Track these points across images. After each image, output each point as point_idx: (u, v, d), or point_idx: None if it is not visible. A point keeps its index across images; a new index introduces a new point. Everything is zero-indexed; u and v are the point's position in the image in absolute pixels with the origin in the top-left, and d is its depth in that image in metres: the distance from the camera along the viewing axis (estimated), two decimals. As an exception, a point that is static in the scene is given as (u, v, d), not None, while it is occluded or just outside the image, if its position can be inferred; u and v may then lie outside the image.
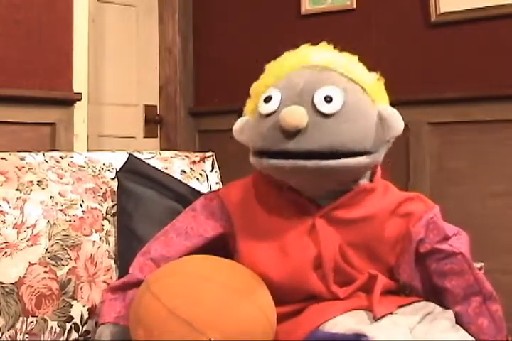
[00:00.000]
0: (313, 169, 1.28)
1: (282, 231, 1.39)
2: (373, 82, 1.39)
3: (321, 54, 1.40)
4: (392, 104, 1.40)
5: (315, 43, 1.44)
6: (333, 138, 1.28)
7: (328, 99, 1.30)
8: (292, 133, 1.27)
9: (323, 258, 1.36)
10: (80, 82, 2.73)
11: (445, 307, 1.38)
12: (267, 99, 1.35)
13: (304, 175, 1.31)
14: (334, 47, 1.44)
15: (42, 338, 1.52)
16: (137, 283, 1.39)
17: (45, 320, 1.52)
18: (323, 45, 1.44)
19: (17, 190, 1.57)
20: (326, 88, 1.31)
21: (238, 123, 1.46)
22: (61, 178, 1.66)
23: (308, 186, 1.37)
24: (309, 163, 1.28)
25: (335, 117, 1.29)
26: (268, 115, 1.33)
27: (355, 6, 3.03)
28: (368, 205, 1.39)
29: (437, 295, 1.40)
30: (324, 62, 1.37)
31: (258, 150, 1.36)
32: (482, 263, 1.53)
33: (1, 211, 1.52)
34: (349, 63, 1.39)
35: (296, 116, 1.27)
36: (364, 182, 1.41)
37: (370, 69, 1.42)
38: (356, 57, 1.42)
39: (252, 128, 1.38)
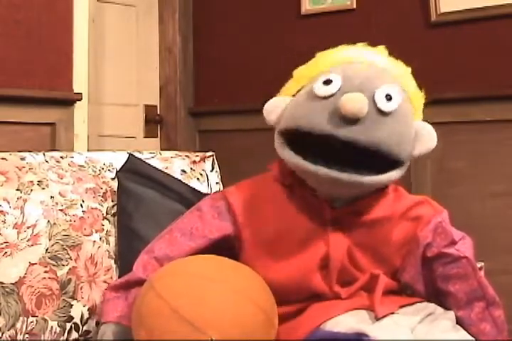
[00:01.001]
0: (352, 183, 1.27)
1: (291, 231, 1.38)
2: (418, 96, 1.40)
3: (380, 56, 1.40)
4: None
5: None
6: (384, 136, 1.27)
7: (388, 98, 1.29)
8: (348, 121, 1.24)
9: (331, 260, 1.36)
10: (80, 82, 2.73)
11: (447, 310, 1.38)
12: (327, 82, 1.31)
13: (336, 185, 1.30)
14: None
15: (42, 338, 1.52)
16: (140, 282, 1.39)
17: (46, 320, 1.52)
18: (381, 48, 1.44)
19: (17, 189, 1.57)
20: (388, 86, 1.31)
21: (272, 103, 1.40)
22: (61, 178, 1.66)
23: (332, 191, 1.36)
24: (343, 177, 1.26)
25: (390, 116, 1.29)
26: (324, 98, 1.30)
27: (355, 6, 3.02)
28: (379, 209, 1.39)
29: (440, 299, 1.40)
30: (382, 64, 1.38)
31: (293, 128, 1.31)
32: (482, 263, 1.53)
33: (2, 211, 1.52)
34: (403, 71, 1.41)
35: (358, 103, 1.24)
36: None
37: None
38: (409, 69, 1.43)
39: (297, 107, 1.34)
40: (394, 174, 1.32)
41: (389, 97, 1.29)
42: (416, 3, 2.85)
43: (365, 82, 1.31)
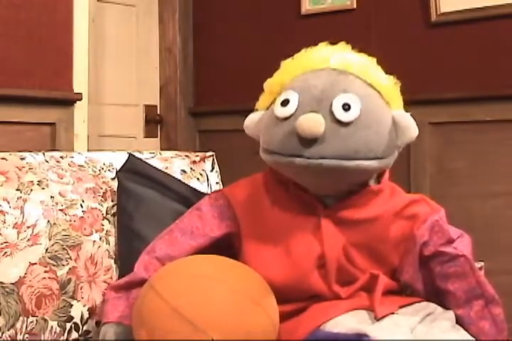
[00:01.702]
0: (327, 168, 1.28)
1: (287, 229, 1.39)
2: (389, 86, 1.38)
3: (339, 56, 1.39)
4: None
5: (331, 43, 1.43)
6: (349, 146, 1.28)
7: (346, 108, 1.29)
8: (308, 141, 1.27)
9: (326, 258, 1.36)
10: (80, 82, 2.73)
11: (447, 309, 1.38)
12: (284, 103, 1.33)
13: (315, 173, 1.31)
14: (352, 48, 1.43)
15: (42, 338, 1.52)
16: (141, 282, 1.39)
17: (46, 320, 1.52)
18: (342, 45, 1.43)
19: (17, 189, 1.57)
20: (345, 96, 1.31)
21: (250, 118, 1.45)
22: (61, 178, 1.66)
23: (316, 186, 1.37)
24: (324, 162, 1.27)
25: (352, 125, 1.29)
26: (284, 119, 1.33)
27: (355, 6, 3.02)
28: (373, 207, 1.39)
29: (439, 298, 1.40)
30: (342, 65, 1.36)
31: (271, 150, 1.35)
32: (482, 263, 1.53)
33: (2, 211, 1.52)
34: (367, 66, 1.38)
35: (314, 124, 1.26)
36: (371, 184, 1.41)
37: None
38: (374, 60, 1.41)
39: (267, 130, 1.37)
40: (375, 162, 1.32)
41: (347, 107, 1.29)
42: (416, 3, 2.85)
43: (320, 95, 1.31)
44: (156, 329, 1.25)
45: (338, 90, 1.32)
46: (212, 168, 1.96)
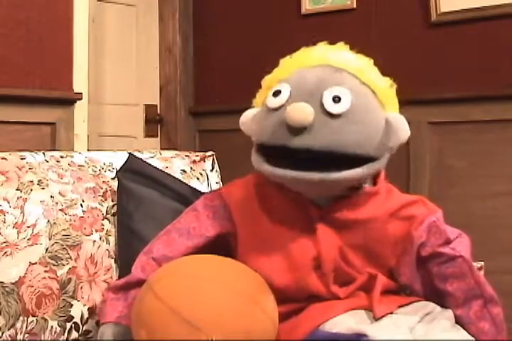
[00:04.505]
0: (317, 182, 1.28)
1: (283, 231, 1.39)
2: (385, 88, 1.38)
3: (337, 55, 1.39)
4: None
5: (331, 42, 1.44)
6: (335, 138, 1.28)
7: (337, 100, 1.29)
8: (296, 130, 1.27)
9: (322, 259, 1.36)
10: (80, 82, 2.73)
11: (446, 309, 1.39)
12: (276, 93, 1.34)
13: (307, 185, 1.31)
14: (350, 49, 1.43)
15: (42, 338, 1.52)
16: (139, 283, 1.39)
17: (46, 320, 1.52)
18: (341, 45, 1.43)
19: (17, 189, 1.57)
20: (336, 88, 1.31)
21: (245, 115, 1.45)
22: (61, 178, 1.66)
23: (307, 192, 1.37)
24: (314, 176, 1.27)
25: (341, 118, 1.29)
26: (275, 109, 1.33)
27: (355, 6, 3.03)
28: (369, 208, 1.39)
29: (438, 299, 1.40)
30: (338, 63, 1.36)
31: (260, 144, 1.35)
32: (482, 263, 1.53)
33: (2, 210, 1.52)
34: (363, 66, 1.38)
35: (302, 112, 1.26)
36: (366, 185, 1.41)
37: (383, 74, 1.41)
38: (371, 61, 1.41)
39: (258, 121, 1.38)
40: (365, 170, 1.32)
41: (337, 99, 1.29)
42: (416, 3, 2.86)
43: (313, 87, 1.31)
44: (156, 330, 1.25)
45: (331, 83, 1.32)
46: (212, 168, 1.96)
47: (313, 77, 1.33)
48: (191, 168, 1.91)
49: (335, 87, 1.31)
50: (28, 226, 1.54)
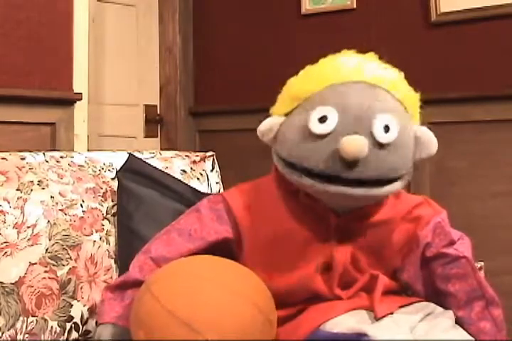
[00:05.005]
0: (359, 197, 1.28)
1: (292, 236, 1.37)
2: (413, 100, 1.38)
3: (371, 69, 1.35)
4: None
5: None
6: (382, 166, 1.28)
7: (387, 129, 1.28)
8: (350, 163, 1.25)
9: (334, 265, 1.36)
10: (80, 82, 2.73)
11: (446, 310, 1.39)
12: (322, 119, 1.29)
13: (345, 199, 1.30)
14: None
15: (42, 338, 1.52)
16: (136, 283, 1.39)
17: (46, 320, 1.52)
18: (371, 55, 1.40)
19: (17, 189, 1.57)
20: (384, 117, 1.29)
21: (266, 124, 1.38)
22: (61, 178, 1.66)
23: (339, 203, 1.36)
24: (358, 191, 1.27)
25: (389, 146, 1.28)
26: (322, 136, 1.29)
27: (355, 6, 3.03)
28: (381, 211, 1.39)
29: (439, 299, 1.40)
30: (375, 79, 1.33)
31: (305, 168, 1.30)
32: (482, 263, 1.54)
33: (2, 211, 1.52)
34: (397, 81, 1.37)
35: (359, 146, 1.24)
36: None
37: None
38: (402, 74, 1.40)
39: (297, 144, 1.32)
40: (401, 184, 1.34)
41: (387, 129, 1.28)
42: (416, 3, 2.86)
43: (360, 114, 1.29)
44: (154, 331, 1.25)
45: (378, 110, 1.29)
46: (213, 168, 1.96)
47: (357, 102, 1.30)
48: (191, 168, 1.91)
49: (382, 114, 1.29)
50: (28, 227, 1.54)
